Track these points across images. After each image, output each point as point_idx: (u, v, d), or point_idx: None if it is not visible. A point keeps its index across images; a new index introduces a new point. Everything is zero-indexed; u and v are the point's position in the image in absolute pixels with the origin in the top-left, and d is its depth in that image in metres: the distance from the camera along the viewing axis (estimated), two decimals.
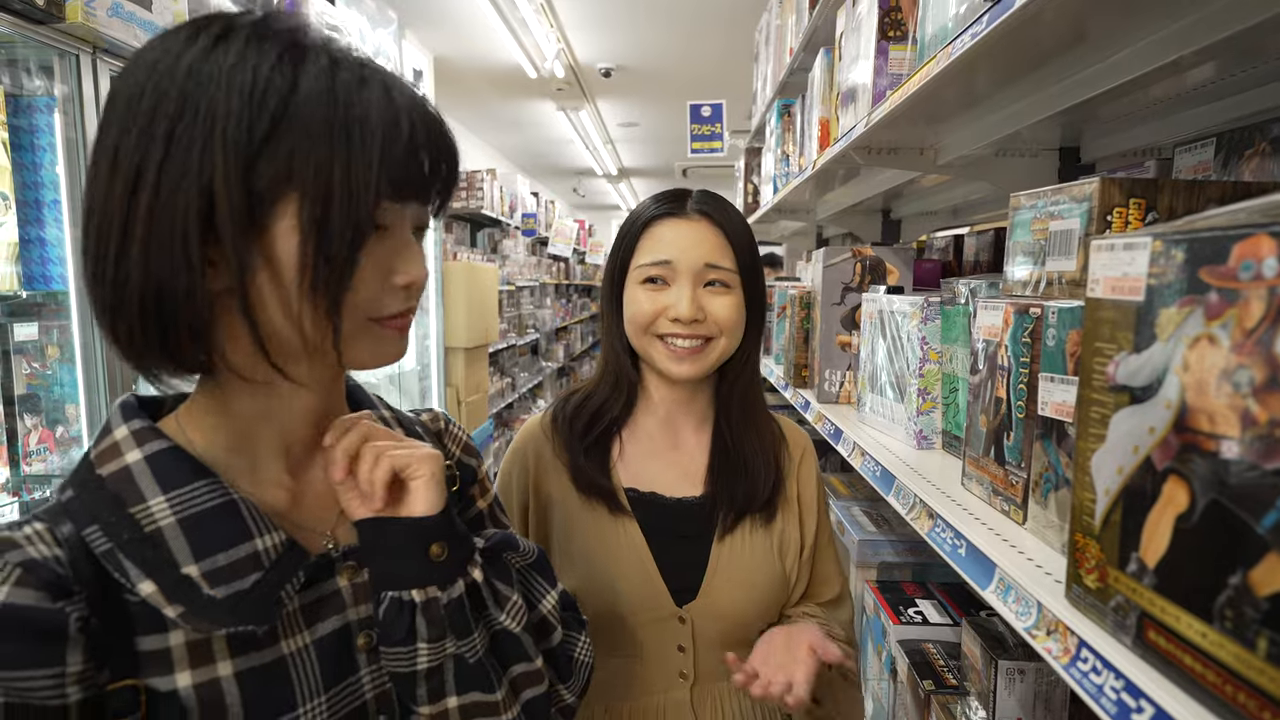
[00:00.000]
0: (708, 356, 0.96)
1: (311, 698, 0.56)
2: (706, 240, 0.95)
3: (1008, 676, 0.95)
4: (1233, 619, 0.42)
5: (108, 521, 0.51)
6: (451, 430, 0.78)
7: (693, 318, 0.93)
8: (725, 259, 0.95)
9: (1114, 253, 0.53)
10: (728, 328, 0.95)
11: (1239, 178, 0.90)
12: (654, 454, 1.01)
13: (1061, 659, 0.56)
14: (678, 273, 0.94)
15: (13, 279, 1.48)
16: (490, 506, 0.79)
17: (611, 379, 1.02)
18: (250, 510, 0.55)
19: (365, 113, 0.51)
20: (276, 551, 0.55)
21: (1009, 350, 0.80)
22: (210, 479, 0.54)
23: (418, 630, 0.57)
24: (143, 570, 0.50)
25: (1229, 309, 0.43)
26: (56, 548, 0.49)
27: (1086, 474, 0.56)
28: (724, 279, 0.95)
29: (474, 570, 0.61)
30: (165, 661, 0.51)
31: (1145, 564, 0.49)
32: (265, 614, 0.53)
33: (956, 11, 0.92)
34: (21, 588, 0.47)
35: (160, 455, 0.54)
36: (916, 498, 0.92)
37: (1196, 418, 0.45)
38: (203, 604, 0.51)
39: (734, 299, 0.96)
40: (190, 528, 0.52)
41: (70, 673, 0.47)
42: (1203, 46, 0.80)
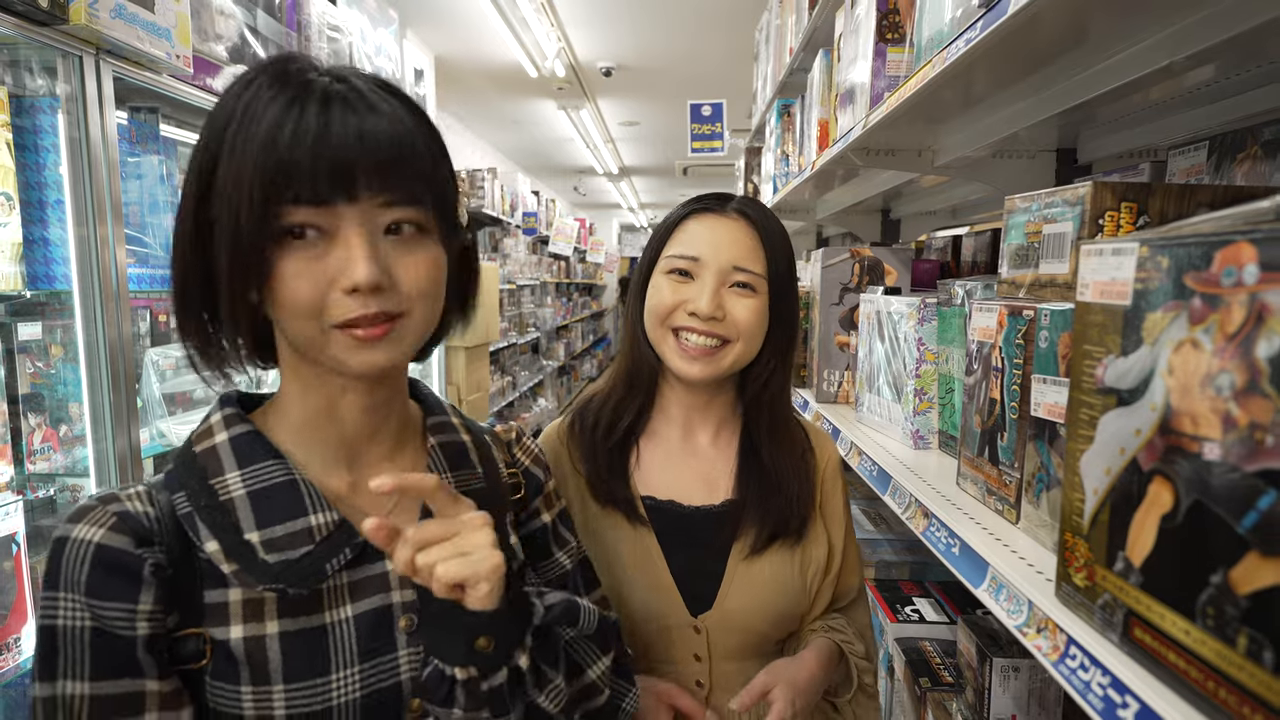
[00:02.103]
0: (721, 360, 0.93)
1: (346, 666, 0.60)
2: (739, 241, 0.93)
3: (1002, 674, 0.97)
4: (1214, 616, 0.43)
5: (192, 489, 0.60)
6: (524, 443, 0.81)
7: (710, 314, 0.91)
8: (755, 263, 0.93)
9: (1102, 257, 0.54)
10: (745, 332, 0.93)
11: (1231, 181, 0.90)
12: (671, 461, 1.00)
13: (1051, 656, 0.57)
14: (704, 268, 0.93)
15: (16, 278, 1.49)
16: (555, 520, 0.79)
17: (627, 378, 1.00)
18: (310, 490, 0.61)
19: (254, 126, 0.54)
20: (328, 529, 0.61)
21: (1003, 352, 0.81)
22: (279, 460, 0.62)
23: (456, 698, 0.58)
24: (211, 531, 0.58)
25: (1212, 314, 0.44)
26: (150, 506, 0.59)
27: (1076, 474, 0.57)
28: (751, 282, 0.93)
29: (520, 656, 0.60)
30: (223, 614, 0.58)
31: (1132, 563, 0.50)
32: (306, 580, 0.59)
33: (952, 15, 0.93)
34: (113, 532, 0.56)
35: (241, 437, 0.62)
36: (912, 497, 0.93)
37: (1180, 420, 0.46)
38: (255, 565, 0.58)
39: (757, 304, 0.93)
40: (256, 500, 0.60)
41: (141, 610, 0.56)
42: (1197, 50, 0.81)
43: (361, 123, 0.55)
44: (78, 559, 0.55)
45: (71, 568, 0.55)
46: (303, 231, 0.55)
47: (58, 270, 1.57)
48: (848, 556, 1.02)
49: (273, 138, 0.53)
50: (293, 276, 0.55)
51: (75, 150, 1.54)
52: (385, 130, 0.56)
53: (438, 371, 4.04)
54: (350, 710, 0.60)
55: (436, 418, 0.74)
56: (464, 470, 0.71)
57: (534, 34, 4.22)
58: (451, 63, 4.95)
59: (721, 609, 0.93)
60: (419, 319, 0.61)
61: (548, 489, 0.80)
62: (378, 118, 0.56)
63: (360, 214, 0.56)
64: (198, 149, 0.57)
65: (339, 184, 0.55)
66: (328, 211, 0.55)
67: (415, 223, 0.59)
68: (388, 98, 0.59)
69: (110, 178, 1.59)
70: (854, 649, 0.96)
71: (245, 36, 2.05)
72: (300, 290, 0.55)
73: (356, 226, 0.56)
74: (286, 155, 0.53)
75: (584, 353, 10.03)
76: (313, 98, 0.55)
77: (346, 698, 0.60)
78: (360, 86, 0.57)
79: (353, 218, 0.56)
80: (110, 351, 1.60)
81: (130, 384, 1.66)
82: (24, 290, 1.52)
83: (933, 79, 0.94)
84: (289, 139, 0.53)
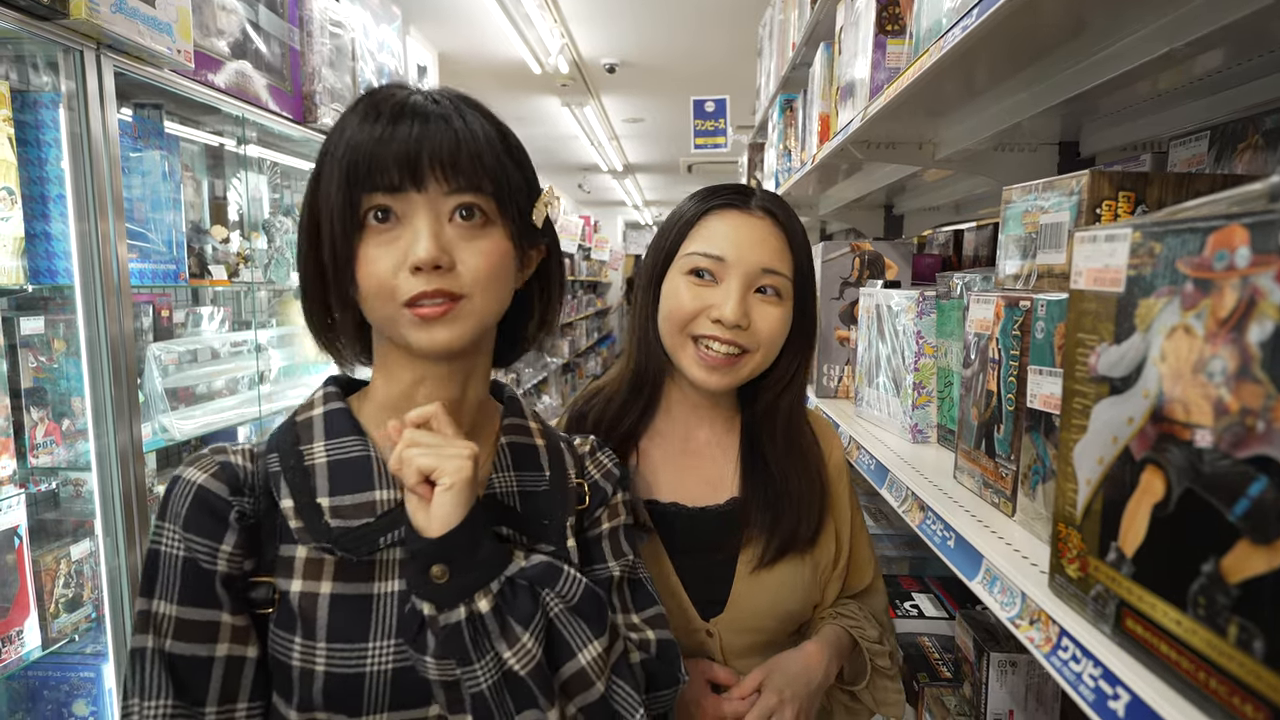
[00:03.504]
0: (740, 370, 0.89)
1: (384, 637, 0.63)
2: (768, 242, 0.88)
3: (999, 668, 0.96)
4: (1205, 606, 0.43)
5: (284, 452, 0.66)
6: (598, 457, 0.82)
7: (736, 323, 0.85)
8: (784, 265, 0.88)
9: (1096, 244, 0.53)
10: (767, 342, 0.88)
11: (1231, 171, 0.89)
12: (671, 460, 0.97)
13: (1043, 648, 0.56)
14: (730, 270, 0.87)
15: (19, 273, 1.50)
16: (614, 529, 0.78)
17: (634, 379, 0.96)
18: (381, 468, 0.66)
19: (347, 133, 0.63)
20: (389, 505, 0.65)
21: (999, 343, 0.80)
22: (360, 436, 0.67)
23: (425, 641, 0.60)
24: (289, 491, 0.64)
25: (1204, 299, 0.43)
26: (249, 462, 0.66)
27: (1069, 464, 0.56)
28: (778, 287, 0.88)
29: (481, 600, 0.61)
30: (290, 567, 0.64)
31: (1124, 553, 0.50)
32: (358, 549, 0.63)
33: (951, 4, 0.92)
34: (213, 478, 0.64)
35: (333, 413, 0.69)
36: (908, 490, 0.92)
37: (1173, 407, 0.45)
38: (318, 526, 0.63)
39: (783, 312, 0.89)
40: (334, 469, 0.65)
41: (222, 550, 0.63)
42: (1196, 37, 0.80)
43: (426, 120, 0.63)
44: (182, 495, 0.63)
45: (176, 502, 0.63)
46: (384, 215, 0.63)
47: (60, 265, 1.58)
48: (858, 550, 1.00)
49: (355, 140, 0.62)
50: (371, 260, 0.62)
51: (77, 145, 1.54)
52: (445, 127, 0.64)
53: None
54: (382, 680, 0.63)
55: (513, 419, 0.77)
56: (530, 471, 0.74)
57: (537, 30, 4.21)
58: (455, 60, 4.95)
59: (732, 613, 0.91)
60: (479, 304, 0.65)
61: (614, 501, 0.80)
62: (441, 118, 0.64)
63: (428, 201, 0.63)
64: (311, 176, 0.67)
65: (406, 171, 0.62)
66: (401, 199, 0.63)
67: (478, 207, 0.65)
68: (461, 106, 0.66)
69: (112, 173, 1.59)
70: (865, 634, 0.94)
71: (247, 31, 2.06)
72: (377, 270, 0.62)
73: (424, 211, 0.63)
74: (365, 150, 0.62)
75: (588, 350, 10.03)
76: (388, 106, 0.63)
77: (380, 667, 0.63)
78: (435, 95, 0.66)
79: (422, 204, 0.63)
80: (112, 346, 1.60)
81: (132, 378, 1.66)
82: (26, 285, 1.53)
83: (930, 68, 0.93)
84: (365, 137, 0.62)
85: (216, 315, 2.37)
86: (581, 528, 0.77)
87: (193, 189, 2.11)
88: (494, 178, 0.65)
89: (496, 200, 0.66)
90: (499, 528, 0.69)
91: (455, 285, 0.63)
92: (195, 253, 2.04)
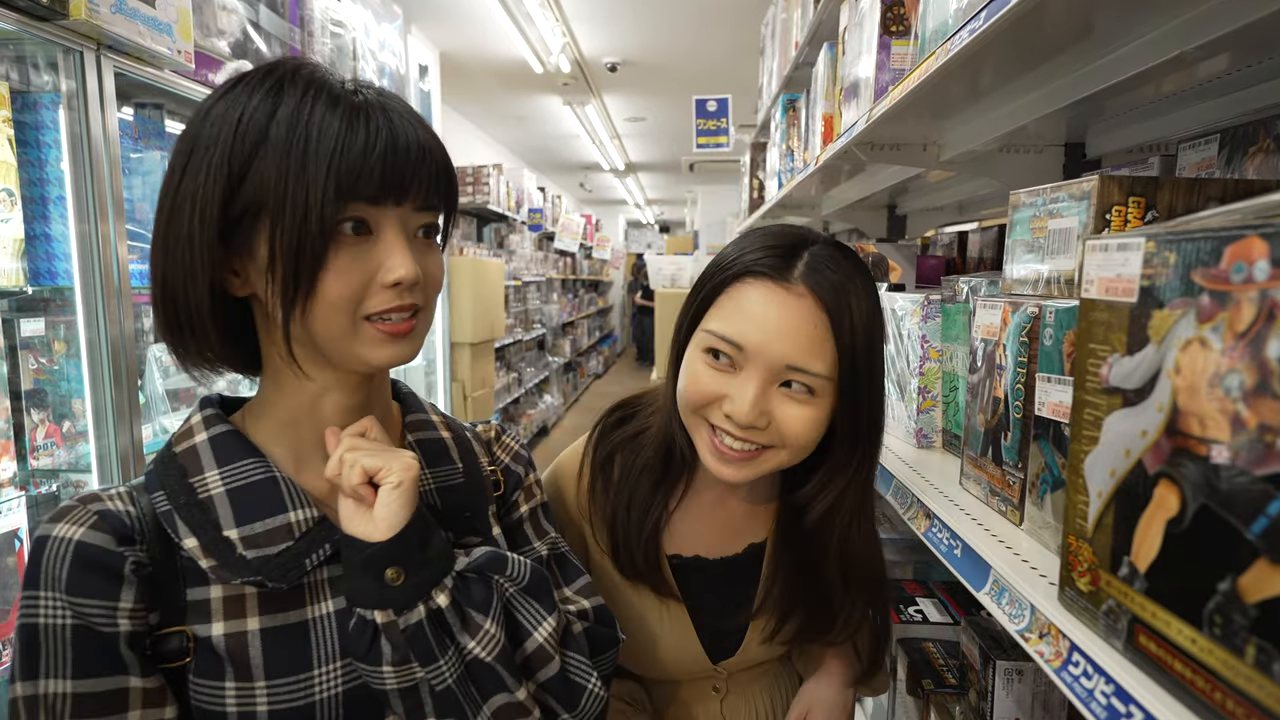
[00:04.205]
0: (761, 465, 0.77)
1: (328, 661, 0.61)
2: (801, 331, 0.72)
3: (1005, 677, 0.95)
4: (1222, 625, 0.42)
5: (171, 488, 0.60)
6: (504, 440, 0.82)
7: (750, 424, 0.73)
8: (818, 362, 0.73)
9: (1107, 253, 0.53)
10: (793, 443, 0.76)
11: (1242, 174, 0.88)
12: (701, 517, 0.92)
13: (1053, 662, 0.56)
14: (749, 361, 0.74)
15: (19, 274, 1.49)
16: (533, 511, 0.79)
17: (664, 447, 0.86)
18: (289, 487, 0.62)
19: (322, 129, 0.57)
20: (307, 524, 0.61)
21: (1007, 350, 0.79)
22: (258, 458, 0.62)
23: (382, 651, 0.58)
24: (189, 529, 0.59)
25: (1221, 312, 0.42)
26: (131, 505, 0.59)
27: (1080, 476, 0.55)
28: (809, 384, 0.74)
29: (439, 595, 0.60)
30: (205, 610, 0.59)
31: (1136, 568, 0.49)
32: (285, 575, 0.59)
33: (957, 5, 0.91)
34: (94, 530, 0.57)
35: (221, 437, 0.63)
36: (913, 497, 0.91)
37: (1188, 421, 0.44)
38: (234, 561, 0.58)
39: (813, 413, 0.75)
40: (235, 497, 0.60)
41: (122, 607, 0.56)
42: (1207, 40, 0.79)
43: (420, 135, 0.61)
44: (58, 557, 0.55)
45: (52, 566, 0.55)
46: (359, 226, 0.59)
47: (60, 266, 1.57)
48: None
49: (346, 143, 0.57)
50: (344, 271, 0.58)
51: (77, 146, 1.54)
52: (436, 145, 0.63)
53: (443, 368, 4.04)
54: (333, 705, 0.61)
55: (415, 415, 0.75)
56: (444, 466, 0.72)
57: (539, 29, 4.20)
58: (456, 59, 4.94)
59: (742, 658, 0.93)
60: (429, 315, 0.66)
61: (527, 482, 0.80)
62: (428, 134, 0.62)
63: (400, 216, 0.61)
64: (214, 150, 0.57)
65: (393, 186, 0.59)
66: (377, 211, 0.60)
67: (437, 227, 0.66)
68: (401, 105, 0.63)
69: (112, 174, 1.59)
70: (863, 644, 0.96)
71: (248, 32, 2.05)
72: (350, 282, 0.58)
73: (398, 225, 0.61)
74: (354, 156, 0.57)
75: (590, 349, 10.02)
76: (369, 109, 0.59)
77: (329, 693, 0.60)
78: (401, 105, 0.62)
79: (395, 218, 0.61)
80: (112, 347, 1.60)
81: (133, 380, 1.66)
82: (26, 286, 1.52)
83: (937, 70, 0.92)
84: (349, 141, 0.57)
85: None
86: (501, 514, 0.77)
87: None
88: (454, 200, 0.66)
89: (449, 220, 0.68)
90: None
91: (421, 299, 0.63)
92: None
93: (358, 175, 0.57)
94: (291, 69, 0.60)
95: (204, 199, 0.57)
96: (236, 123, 0.57)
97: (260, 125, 0.57)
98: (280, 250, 0.56)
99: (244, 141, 0.56)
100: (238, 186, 0.57)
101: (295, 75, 0.59)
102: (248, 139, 0.56)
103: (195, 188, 0.57)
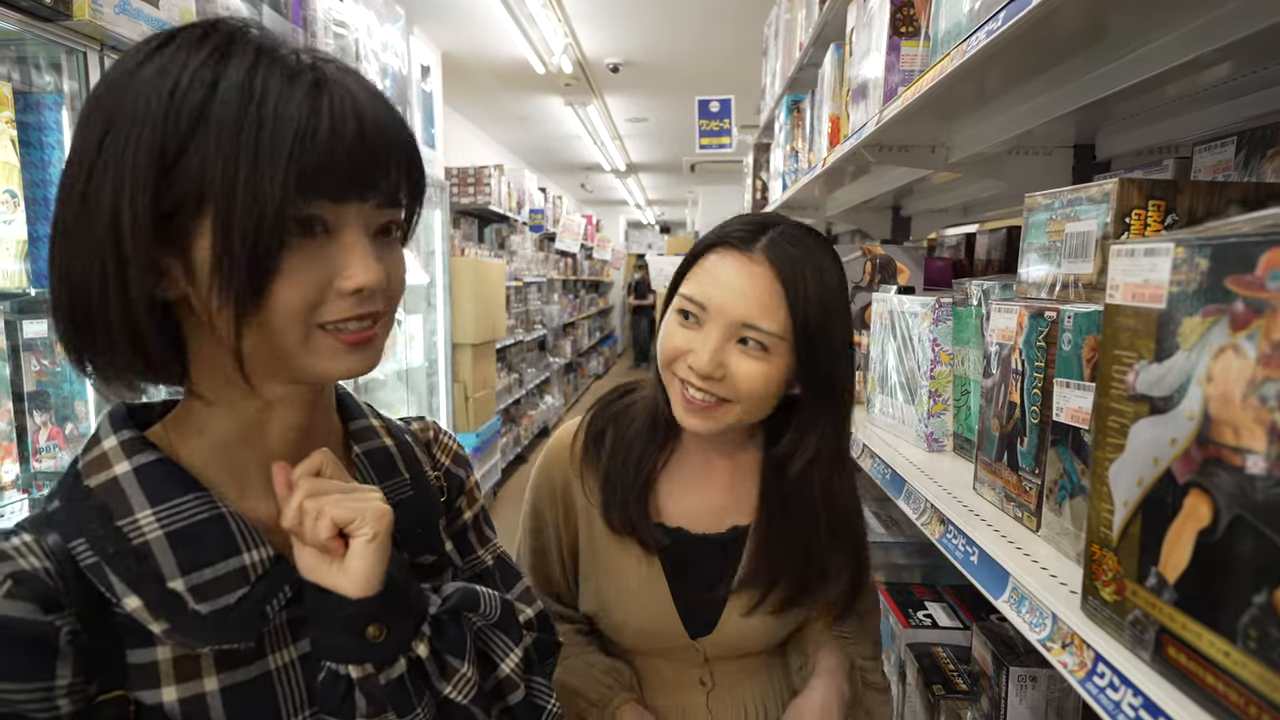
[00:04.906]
0: (723, 417, 0.85)
1: (296, 713, 0.55)
2: (755, 293, 0.81)
3: (1019, 683, 0.94)
4: (1257, 639, 0.41)
5: (95, 535, 0.50)
6: (442, 440, 0.75)
7: (708, 374, 0.82)
8: (771, 320, 0.81)
9: (1134, 258, 0.52)
10: (747, 397, 0.83)
11: (1260, 178, 0.88)
12: (688, 488, 0.96)
13: (1077, 673, 0.55)
14: (710, 319, 0.83)
15: (21, 276, 1.48)
16: (475, 517, 0.76)
17: (653, 410, 0.94)
18: (239, 524, 0.54)
19: (279, 109, 0.48)
20: (263, 566, 0.54)
21: (1023, 354, 0.78)
22: (199, 493, 0.53)
23: (356, 705, 0.53)
24: (128, 585, 0.49)
25: (1256, 319, 0.41)
26: (46, 560, 0.49)
27: (1104, 484, 0.54)
28: (762, 341, 0.82)
29: (419, 646, 0.56)
30: (153, 675, 0.51)
31: (1165, 579, 0.48)
32: (249, 630, 0.52)
33: (971, 8, 0.91)
34: (13, 600, 0.46)
35: (149, 468, 0.53)
36: (928, 503, 0.90)
37: (1221, 430, 0.44)
38: (188, 620, 0.50)
39: (766, 369, 0.82)
40: (178, 542, 0.51)
41: (59, 686, 0.47)
42: (1223, 45, 0.78)
43: (390, 121, 0.53)
44: None
45: None
46: (320, 227, 0.51)
47: None
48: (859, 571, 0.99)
49: (308, 128, 0.48)
50: (298, 274, 0.50)
51: None
52: (406, 132, 0.55)
53: (444, 369, 4.03)
54: None
55: (357, 422, 0.67)
56: (392, 479, 0.66)
57: (541, 30, 4.20)
58: (458, 59, 4.93)
59: (719, 637, 0.93)
60: (391, 320, 0.58)
61: (468, 485, 0.76)
62: (396, 118, 0.54)
63: (361, 214, 0.53)
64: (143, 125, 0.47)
65: (360, 183, 0.51)
66: (337, 209, 0.51)
67: (398, 225, 0.58)
68: (361, 79, 0.54)
69: None
70: (862, 653, 0.98)
71: None
72: (305, 288, 0.50)
73: (358, 225, 0.53)
74: (326, 148, 0.48)
75: (591, 350, 10.01)
76: (331, 87, 0.50)
77: None
78: (365, 84, 0.54)
79: (354, 216, 0.52)
80: None
81: None
82: (29, 288, 1.51)
83: (951, 73, 0.91)
84: (327, 131, 0.49)
85: None
86: (448, 522, 0.72)
87: None
88: (419, 196, 0.58)
89: (413, 217, 0.58)
90: None
91: (382, 304, 0.55)
92: None
93: (320, 168, 0.48)
94: (237, 29, 0.51)
95: (133, 185, 0.47)
96: (170, 92, 0.47)
97: (200, 97, 0.47)
98: (230, 252, 0.47)
99: (180, 116, 0.47)
100: (170, 172, 0.47)
101: (242, 38, 0.50)
102: (184, 113, 0.47)
103: (120, 171, 0.47)
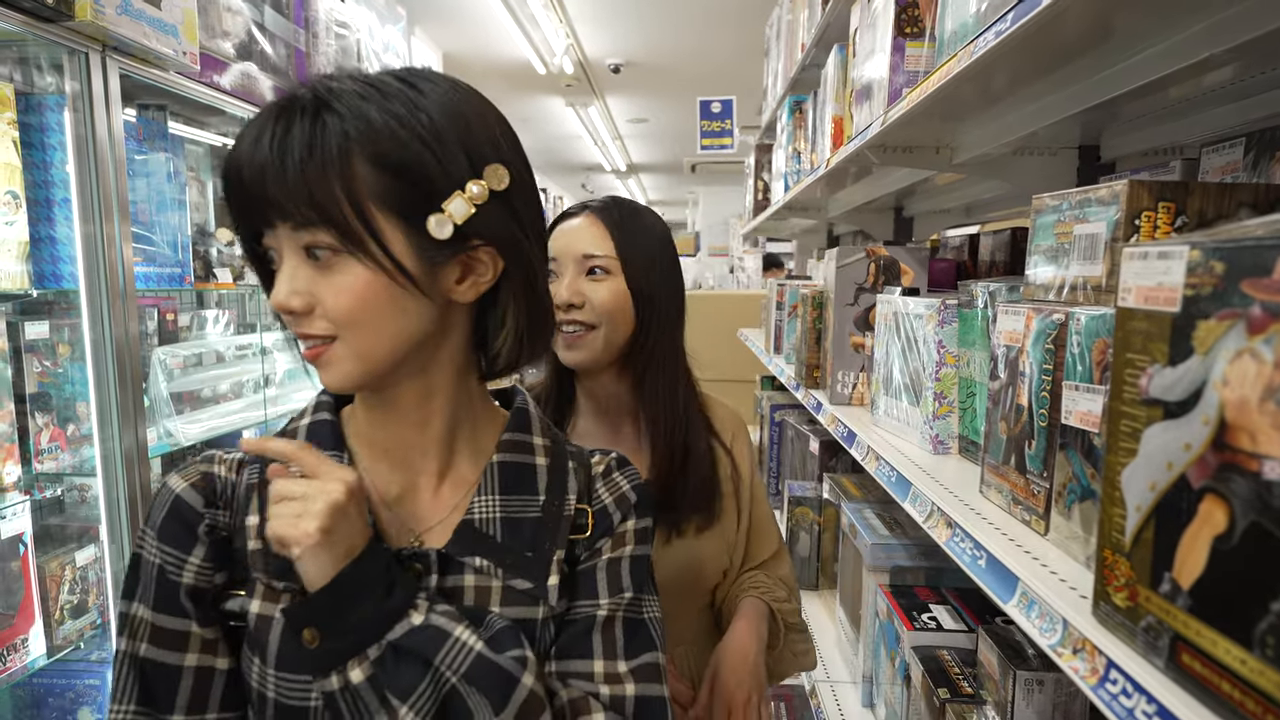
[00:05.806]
0: (591, 344, 1.02)
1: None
2: (585, 232, 1.03)
3: (1025, 687, 0.94)
4: (1275, 646, 0.40)
5: (265, 464, 0.62)
6: (613, 477, 0.72)
7: (568, 302, 1.00)
8: (601, 247, 1.02)
9: (1147, 261, 0.51)
10: (604, 313, 1.01)
11: (1270, 179, 0.87)
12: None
13: (1089, 679, 0.54)
14: (561, 264, 1.03)
15: (23, 277, 1.48)
16: (616, 561, 0.69)
17: (554, 372, 1.10)
18: None
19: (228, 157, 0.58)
20: None
21: (1031, 357, 0.78)
22: (338, 452, 0.65)
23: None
24: (260, 507, 0.62)
25: (1273, 324, 0.41)
26: (233, 473, 0.64)
27: (1116, 489, 0.54)
28: (602, 265, 1.02)
29: (354, 669, 0.55)
30: (254, 586, 0.62)
31: (1179, 585, 0.48)
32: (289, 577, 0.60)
33: (978, 9, 0.90)
34: (192, 488, 0.63)
35: (319, 424, 0.67)
36: (934, 505, 0.90)
37: (1237, 436, 0.43)
38: (269, 554, 0.59)
39: (611, 284, 1.02)
40: None
41: (191, 561, 0.61)
42: (1231, 46, 0.78)
43: (275, 147, 0.55)
44: (161, 504, 0.62)
45: (156, 510, 0.62)
46: (272, 253, 0.60)
47: (64, 269, 1.56)
48: (759, 520, 1.15)
49: (228, 164, 0.58)
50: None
51: (82, 148, 1.53)
52: (285, 155, 0.54)
53: None
54: (325, 716, 0.59)
55: (513, 435, 0.69)
56: (519, 494, 0.66)
57: (542, 31, 4.20)
58: (460, 60, 4.93)
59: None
60: (355, 344, 0.58)
61: (621, 529, 0.70)
62: (290, 139, 0.55)
63: (287, 237, 0.58)
64: None
65: (256, 212, 0.57)
66: (271, 235, 0.59)
67: (327, 246, 0.56)
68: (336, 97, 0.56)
69: (117, 175, 1.58)
70: (775, 596, 1.12)
71: (253, 33, 2.04)
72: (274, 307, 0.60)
73: (287, 246, 0.58)
74: (227, 178, 0.58)
75: None
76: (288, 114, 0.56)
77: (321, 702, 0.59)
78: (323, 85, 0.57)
79: (285, 238, 0.58)
80: (117, 350, 1.59)
81: (137, 383, 1.65)
82: (31, 289, 1.51)
83: (957, 74, 0.91)
84: (233, 163, 0.57)
85: (221, 318, 2.35)
86: (576, 558, 0.68)
87: (197, 191, 2.09)
88: (325, 212, 0.54)
89: (339, 233, 0.55)
90: (471, 558, 0.63)
91: (320, 328, 0.57)
92: (200, 255, 2.02)
93: (228, 203, 0.59)
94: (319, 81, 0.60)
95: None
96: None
97: None
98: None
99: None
100: None
101: (290, 92, 0.60)
102: None
103: None
